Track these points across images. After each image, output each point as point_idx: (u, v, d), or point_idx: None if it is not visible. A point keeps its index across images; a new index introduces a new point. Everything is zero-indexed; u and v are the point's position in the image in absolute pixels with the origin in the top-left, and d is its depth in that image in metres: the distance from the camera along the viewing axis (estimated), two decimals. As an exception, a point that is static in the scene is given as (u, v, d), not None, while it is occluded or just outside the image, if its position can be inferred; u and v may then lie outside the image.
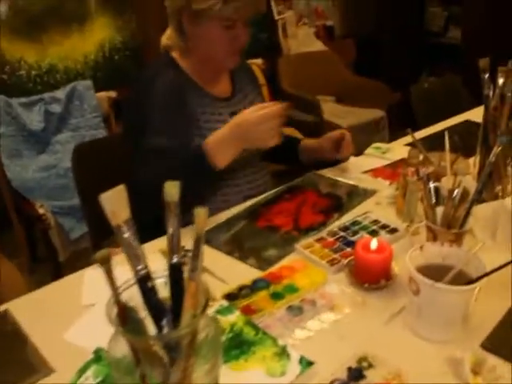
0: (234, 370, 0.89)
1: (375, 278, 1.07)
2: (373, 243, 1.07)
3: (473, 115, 2.17)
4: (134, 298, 0.68)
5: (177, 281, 0.67)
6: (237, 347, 0.93)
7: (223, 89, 1.58)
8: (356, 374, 0.86)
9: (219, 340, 0.76)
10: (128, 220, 0.66)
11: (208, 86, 1.52)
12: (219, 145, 1.30)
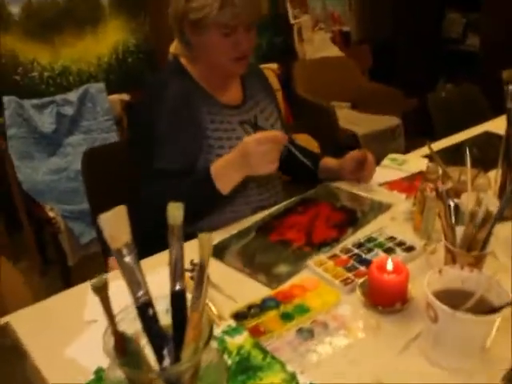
0: (240, 398, 0.85)
1: (390, 302, 1.02)
2: (389, 264, 1.02)
3: (492, 126, 2.12)
4: (135, 323, 0.65)
5: (179, 309, 0.63)
6: (243, 372, 0.89)
7: (233, 96, 1.54)
8: (369, 405, 0.82)
9: (223, 371, 0.72)
10: (129, 242, 0.62)
11: (217, 93, 1.49)
12: (224, 170, 1.33)
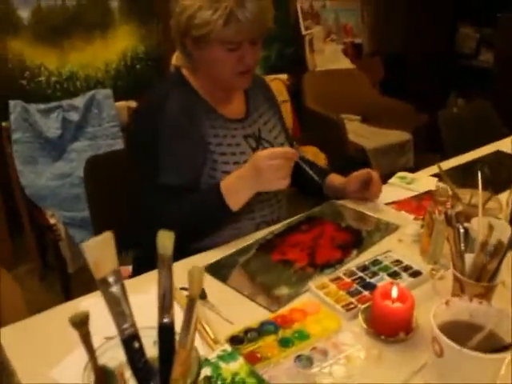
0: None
1: (394, 331, 0.97)
2: (393, 291, 0.98)
3: (504, 145, 2.07)
4: (120, 353, 0.60)
5: (167, 342, 0.59)
6: (237, 403, 0.85)
7: (236, 109, 1.50)
8: None
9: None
10: (116, 269, 0.58)
11: (220, 107, 1.45)
12: (235, 187, 1.31)
